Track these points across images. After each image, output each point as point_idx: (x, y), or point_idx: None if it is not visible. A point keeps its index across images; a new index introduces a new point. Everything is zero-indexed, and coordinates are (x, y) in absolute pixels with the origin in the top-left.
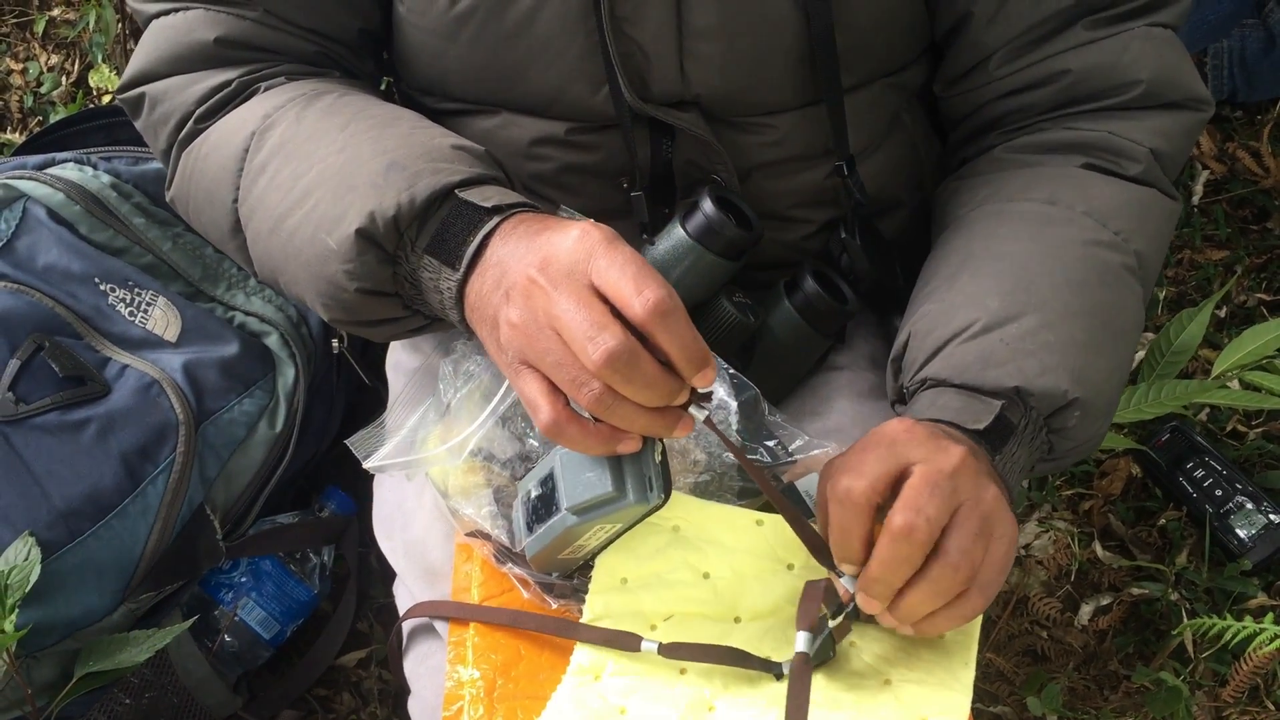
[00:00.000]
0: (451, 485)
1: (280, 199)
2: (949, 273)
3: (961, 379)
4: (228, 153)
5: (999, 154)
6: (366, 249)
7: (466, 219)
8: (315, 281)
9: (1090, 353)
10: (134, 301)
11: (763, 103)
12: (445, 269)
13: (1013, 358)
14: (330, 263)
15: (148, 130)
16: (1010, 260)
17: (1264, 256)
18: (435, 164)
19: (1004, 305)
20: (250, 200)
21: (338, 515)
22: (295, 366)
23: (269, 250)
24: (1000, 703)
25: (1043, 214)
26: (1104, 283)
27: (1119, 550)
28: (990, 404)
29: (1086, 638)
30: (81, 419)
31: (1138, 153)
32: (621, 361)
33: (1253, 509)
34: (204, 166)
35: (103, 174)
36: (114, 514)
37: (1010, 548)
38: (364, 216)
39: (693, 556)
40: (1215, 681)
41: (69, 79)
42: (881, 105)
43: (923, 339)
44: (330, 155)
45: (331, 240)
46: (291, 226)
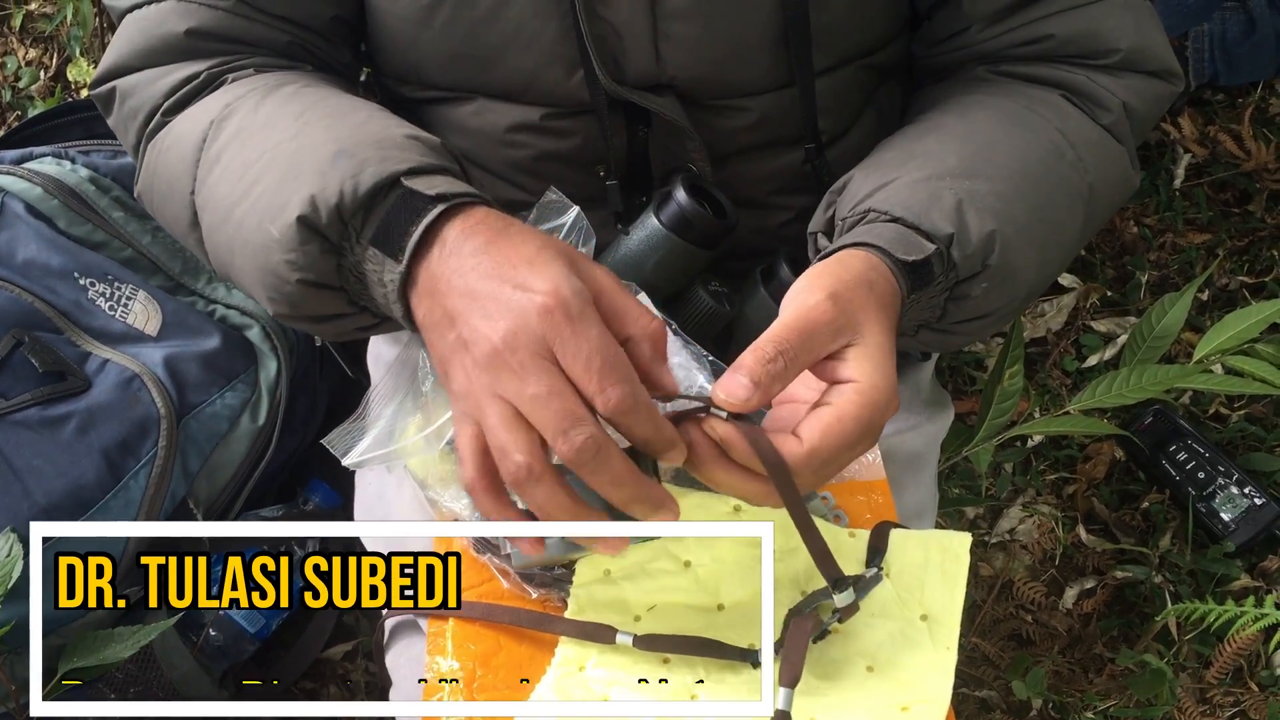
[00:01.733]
0: (430, 476)
1: (230, 188)
2: (915, 134)
3: (902, 214)
4: (188, 144)
5: (981, 73)
6: (309, 238)
7: (411, 208)
8: (259, 273)
9: (1023, 239)
10: (114, 296)
11: (738, 84)
12: (388, 260)
13: (956, 208)
14: (273, 252)
15: (118, 126)
16: (977, 136)
17: (1245, 239)
18: (384, 151)
19: (961, 163)
20: (205, 190)
21: (322, 508)
22: (277, 360)
23: (220, 242)
24: (985, 686)
25: (1019, 113)
26: (1055, 190)
27: (1103, 534)
28: (924, 244)
29: (1071, 621)
30: (62, 414)
31: (1111, 103)
32: (590, 456)
33: (1235, 491)
34: (166, 159)
35: (81, 168)
36: (96, 509)
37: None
38: (305, 203)
39: (674, 545)
40: (1199, 663)
41: (47, 73)
42: (857, 87)
43: (870, 175)
44: (283, 143)
45: (274, 229)
46: (239, 216)
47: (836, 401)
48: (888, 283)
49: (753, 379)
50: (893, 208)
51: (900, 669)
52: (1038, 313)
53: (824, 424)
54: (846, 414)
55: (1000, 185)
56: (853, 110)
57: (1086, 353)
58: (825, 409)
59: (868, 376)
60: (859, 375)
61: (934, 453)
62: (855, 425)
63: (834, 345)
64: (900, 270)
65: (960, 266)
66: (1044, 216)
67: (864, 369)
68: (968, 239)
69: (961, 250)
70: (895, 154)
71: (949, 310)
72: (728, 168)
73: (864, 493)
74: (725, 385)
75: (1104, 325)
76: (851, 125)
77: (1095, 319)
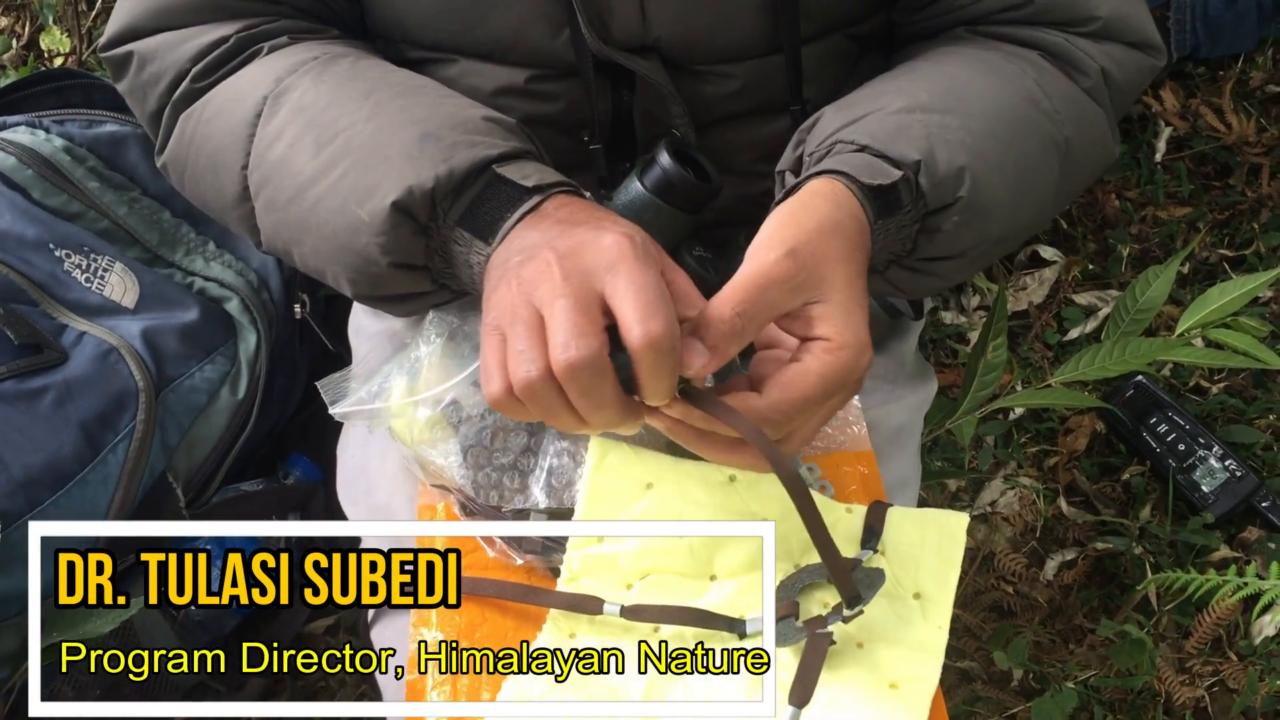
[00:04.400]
0: (418, 434)
1: (301, 167)
2: (889, 76)
3: (870, 141)
4: (238, 117)
5: (960, 32)
6: (401, 221)
7: (505, 195)
8: (342, 254)
9: (994, 173)
10: (90, 267)
11: (723, 48)
12: (478, 242)
13: (925, 137)
14: (361, 235)
15: (134, 91)
16: (952, 77)
17: (1226, 213)
18: (470, 136)
19: (933, 99)
20: (264, 168)
21: (303, 482)
22: (257, 332)
23: (285, 220)
24: (967, 657)
25: (995, 61)
26: (1028, 136)
27: (1084, 506)
28: (890, 170)
29: (1052, 592)
30: (38, 387)
31: (1089, 67)
32: (585, 375)
33: (1215, 463)
34: (208, 130)
35: (55, 137)
36: (74, 483)
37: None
38: (400, 189)
39: (668, 514)
40: (1179, 633)
41: (19, 42)
42: (840, 56)
43: (840, 111)
44: (357, 123)
45: (363, 212)
46: (315, 197)
47: (804, 359)
48: (854, 219)
49: (709, 343)
50: (859, 137)
51: (891, 647)
52: (1020, 286)
53: (786, 378)
54: (811, 368)
55: (972, 123)
56: (836, 80)
57: (1068, 326)
58: (791, 366)
59: (837, 333)
60: (828, 332)
61: (917, 425)
62: (820, 379)
63: (796, 301)
64: (866, 196)
65: (929, 196)
66: (1017, 160)
67: (833, 325)
68: (935, 168)
69: (930, 179)
70: (867, 92)
71: (920, 244)
72: (712, 135)
73: (850, 463)
74: (687, 355)
75: (1085, 298)
76: (835, 96)
77: (1077, 292)
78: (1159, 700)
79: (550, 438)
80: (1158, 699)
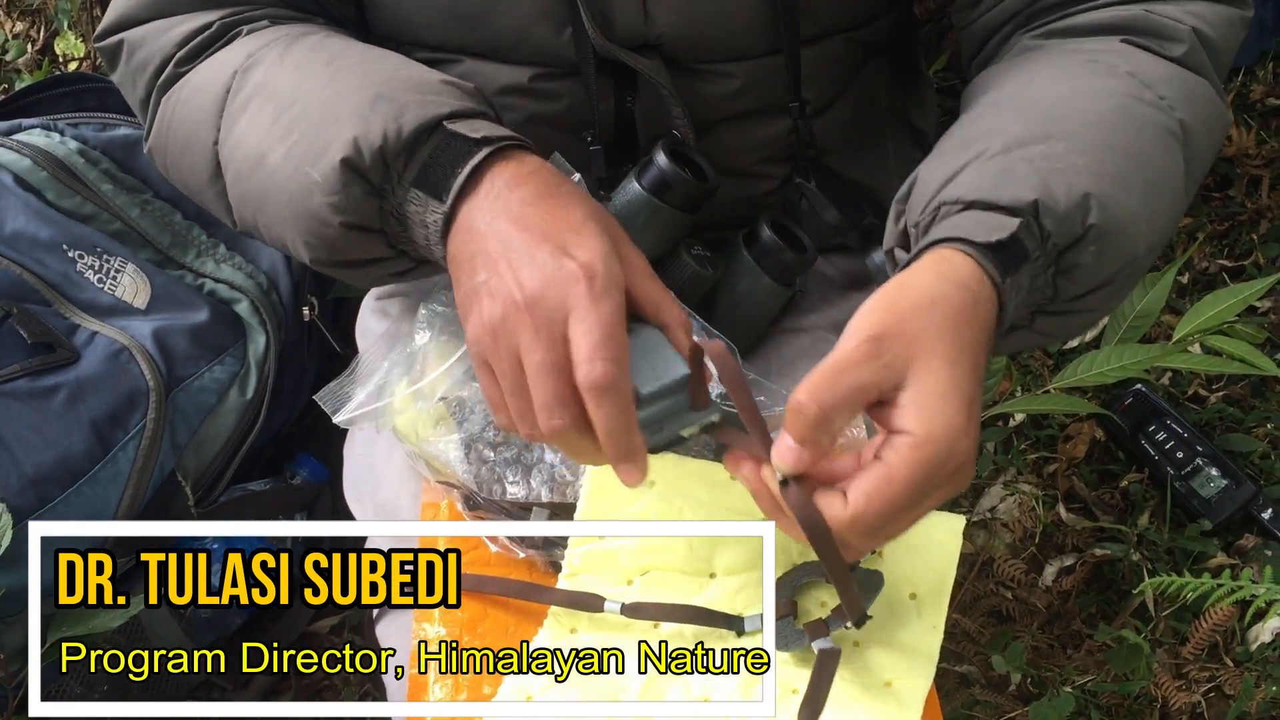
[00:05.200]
0: (421, 431)
1: (262, 136)
2: (971, 119)
3: (976, 195)
4: (209, 94)
5: (1026, 41)
6: (352, 180)
7: (455, 151)
8: (297, 218)
9: (1119, 186)
10: (103, 268)
11: (724, 48)
12: (432, 201)
13: (1036, 174)
14: (314, 196)
15: (125, 80)
16: (1041, 100)
17: (1225, 224)
18: (423, 96)
19: (1028, 130)
20: (231, 140)
21: (309, 483)
22: (266, 334)
23: (249, 190)
24: (966, 662)
25: (1080, 67)
26: (1142, 133)
27: (1082, 512)
28: (1006, 221)
29: (1050, 598)
30: (51, 385)
31: (1179, 31)
32: (567, 439)
33: (1213, 471)
34: (184, 111)
35: (70, 140)
36: (84, 480)
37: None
38: (348, 145)
39: (669, 512)
40: (1175, 639)
41: (34, 46)
42: (842, 59)
43: (935, 170)
44: (314, 90)
45: (315, 172)
46: (273, 163)
47: (887, 457)
48: (962, 289)
49: (796, 436)
50: (964, 193)
51: (886, 647)
52: None
53: (871, 486)
54: (896, 473)
55: (1080, 141)
56: (837, 83)
57: None
58: (875, 467)
59: (921, 426)
60: (911, 425)
61: None
62: (906, 486)
63: (879, 390)
64: (985, 257)
65: (1056, 234)
66: (1140, 163)
67: (917, 416)
68: (1055, 203)
69: (1052, 216)
70: (955, 143)
71: (1061, 287)
72: (712, 136)
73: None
74: (778, 452)
75: None
76: (836, 99)
77: None
78: (1156, 705)
79: None
80: (1154, 704)
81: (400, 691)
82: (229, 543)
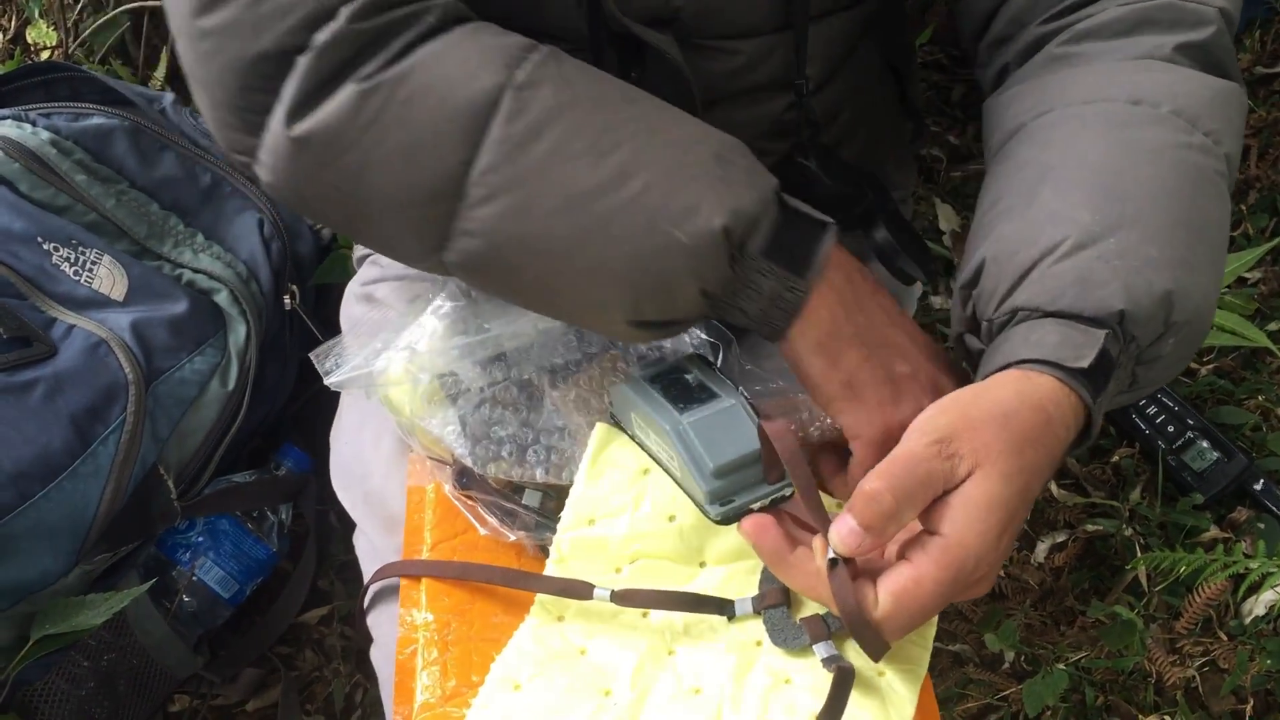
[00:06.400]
0: (414, 405)
1: (577, 176)
2: (1025, 189)
3: (1058, 305)
4: (456, 104)
5: (1053, 50)
6: (723, 248)
7: (799, 227)
8: (639, 275)
9: (1191, 270)
10: (78, 260)
11: (737, 23)
12: (791, 276)
13: (1116, 277)
14: (674, 257)
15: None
16: (1097, 169)
17: None
18: (750, 160)
19: (1097, 219)
20: (517, 170)
21: (294, 473)
22: (246, 324)
23: (541, 232)
24: (959, 640)
25: (1126, 115)
26: (1200, 190)
27: (1074, 488)
28: (1093, 334)
29: (1043, 575)
30: (28, 380)
31: (1207, 14)
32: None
33: (1205, 444)
34: (407, 113)
35: (42, 130)
36: (65, 475)
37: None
38: (726, 213)
39: (661, 499)
40: (1169, 614)
41: (6, 35)
42: (842, 37)
43: (1004, 263)
44: (639, 134)
45: (681, 234)
46: (604, 211)
47: (917, 560)
48: (1037, 412)
49: (864, 525)
50: (1044, 303)
51: None
52: None
53: (899, 588)
54: (925, 577)
55: (1150, 225)
56: (836, 60)
57: None
58: (904, 569)
59: (957, 532)
60: (948, 529)
61: None
62: (933, 591)
63: (943, 489)
64: (1075, 379)
65: (1141, 337)
66: (1203, 231)
67: (954, 521)
68: (1140, 307)
69: (1137, 322)
70: (1016, 224)
71: (1140, 376)
72: (715, 113)
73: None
74: (839, 534)
75: None
76: (833, 75)
77: None
78: (1150, 680)
79: (549, 415)
80: (1149, 679)
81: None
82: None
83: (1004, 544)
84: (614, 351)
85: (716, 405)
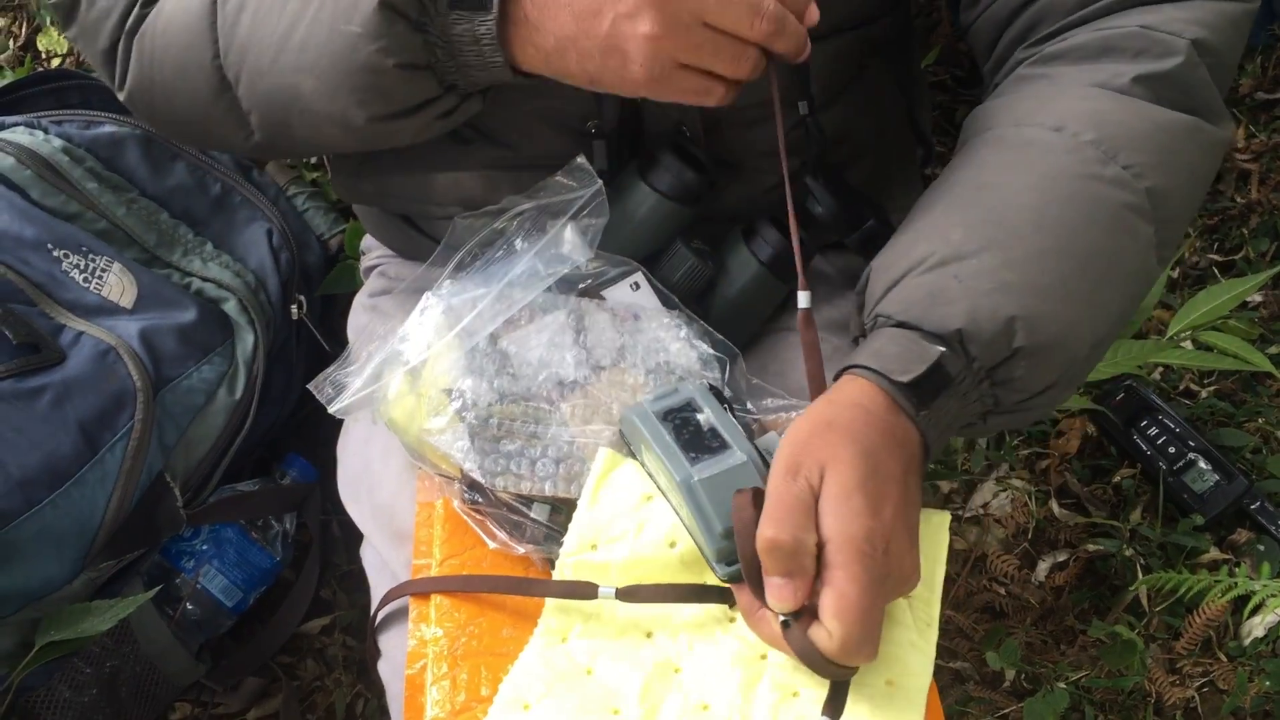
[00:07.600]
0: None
1: (275, 24)
2: (926, 202)
3: (906, 316)
4: (192, 14)
5: (1022, 70)
6: (394, 20)
7: None
8: (348, 77)
9: (1054, 299)
10: (88, 268)
11: None
12: (477, 14)
13: (964, 296)
14: (359, 49)
15: (85, 33)
16: (991, 191)
17: (1215, 218)
18: None
19: (966, 238)
20: (236, 45)
21: (299, 483)
22: (254, 333)
23: (276, 83)
24: (960, 658)
25: (1043, 142)
26: (1093, 222)
27: (1075, 508)
28: (929, 350)
29: (1043, 593)
30: (37, 386)
31: (1176, 45)
32: (779, 21)
33: (1205, 466)
34: (166, 40)
35: (54, 138)
36: (72, 482)
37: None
38: None
39: (662, 526)
40: (1169, 634)
41: (16, 42)
42: (847, 56)
43: (883, 272)
44: None
45: (355, 26)
46: (300, 40)
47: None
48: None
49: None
50: (896, 312)
51: (884, 645)
52: None
53: (834, 607)
54: (841, 581)
55: (1017, 250)
56: (841, 81)
57: None
58: (825, 592)
59: (836, 525)
60: (828, 528)
61: None
62: (858, 587)
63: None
64: (901, 392)
65: (980, 358)
66: (1084, 261)
67: (829, 518)
68: (979, 331)
69: (976, 342)
70: (904, 236)
71: (1001, 396)
72: (719, 132)
73: None
74: (771, 595)
75: None
76: (839, 95)
77: None
78: (1149, 700)
79: (557, 429)
80: (1148, 699)
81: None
82: (221, 545)
83: (887, 517)
84: (622, 365)
85: (728, 460)
